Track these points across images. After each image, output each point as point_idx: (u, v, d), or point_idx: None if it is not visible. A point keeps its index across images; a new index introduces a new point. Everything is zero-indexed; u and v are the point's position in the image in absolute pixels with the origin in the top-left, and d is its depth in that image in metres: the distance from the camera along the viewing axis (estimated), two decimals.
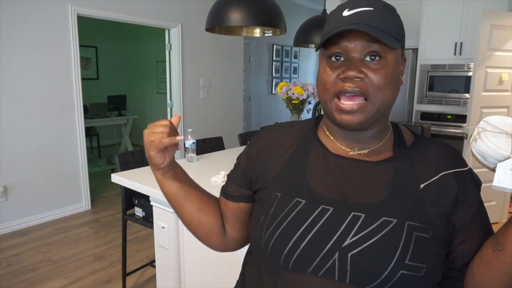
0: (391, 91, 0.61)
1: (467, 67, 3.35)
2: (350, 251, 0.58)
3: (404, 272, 0.56)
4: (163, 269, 1.74)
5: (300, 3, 6.65)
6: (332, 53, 0.61)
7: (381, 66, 0.59)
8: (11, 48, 2.97)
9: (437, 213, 0.61)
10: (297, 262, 0.60)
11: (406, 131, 0.72)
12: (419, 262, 0.57)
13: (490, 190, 3.39)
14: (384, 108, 0.62)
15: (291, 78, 7.06)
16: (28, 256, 2.71)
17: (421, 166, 0.65)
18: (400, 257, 0.57)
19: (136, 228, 3.17)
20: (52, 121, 3.30)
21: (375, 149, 0.67)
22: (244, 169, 0.77)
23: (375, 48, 0.59)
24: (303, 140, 0.72)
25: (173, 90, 4.38)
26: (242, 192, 0.77)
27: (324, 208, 0.62)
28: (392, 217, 0.59)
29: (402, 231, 0.58)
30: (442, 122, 3.57)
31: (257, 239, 0.66)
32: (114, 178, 1.80)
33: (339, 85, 0.60)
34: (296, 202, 0.64)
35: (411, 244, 0.58)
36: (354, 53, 0.60)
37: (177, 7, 4.20)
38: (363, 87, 0.59)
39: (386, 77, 0.60)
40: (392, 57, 0.61)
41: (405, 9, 3.78)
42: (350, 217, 0.60)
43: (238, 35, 2.39)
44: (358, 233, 0.59)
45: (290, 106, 2.65)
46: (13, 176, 3.09)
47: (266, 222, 0.65)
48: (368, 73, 0.59)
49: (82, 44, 4.04)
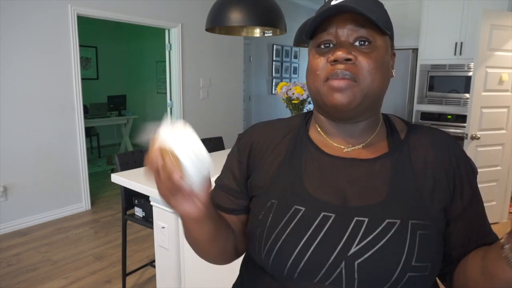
0: (381, 78, 0.60)
1: (467, 67, 3.35)
2: (356, 259, 0.56)
3: (412, 274, 0.55)
4: (163, 269, 1.73)
5: (300, 3, 6.64)
6: (321, 41, 0.61)
7: (371, 50, 0.59)
8: (11, 48, 2.97)
9: (435, 205, 0.61)
10: (302, 273, 0.58)
11: (398, 120, 0.71)
12: (424, 262, 0.56)
13: (490, 190, 3.39)
14: (374, 95, 0.60)
15: (291, 78, 7.06)
16: (28, 256, 2.71)
17: (417, 158, 0.64)
18: (406, 259, 0.55)
19: (136, 228, 3.17)
20: (52, 121, 3.29)
21: (369, 142, 0.66)
22: (239, 174, 0.71)
23: (364, 33, 0.58)
24: (295, 141, 0.69)
25: (173, 90, 4.38)
26: (240, 203, 0.71)
27: (325, 215, 0.60)
28: (395, 218, 0.58)
29: (406, 232, 0.57)
30: (442, 122, 3.57)
31: (257, 253, 0.63)
32: (114, 178, 1.80)
33: (329, 68, 0.59)
34: (295, 210, 0.61)
35: (416, 244, 0.57)
36: (343, 37, 0.59)
37: (177, 7, 4.20)
38: (353, 69, 0.58)
39: (376, 62, 0.59)
40: (381, 43, 0.60)
41: (405, 9, 3.78)
42: (354, 223, 0.58)
43: (238, 35, 2.39)
44: (363, 239, 0.57)
45: (290, 106, 2.65)
46: (13, 176, 3.09)
47: (265, 235, 0.62)
48: (358, 56, 0.58)
49: (82, 44, 4.03)
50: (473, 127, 3.05)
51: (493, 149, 3.19)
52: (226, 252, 0.71)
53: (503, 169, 3.27)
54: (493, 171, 3.24)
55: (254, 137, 0.72)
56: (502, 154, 3.24)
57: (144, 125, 0.46)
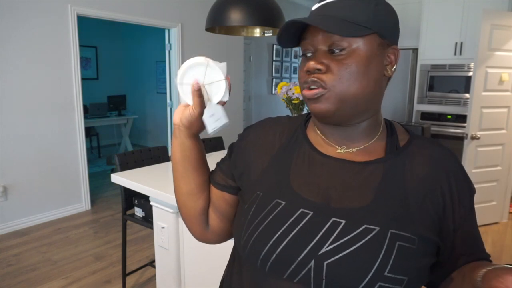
0: (360, 82, 0.58)
1: (467, 67, 3.35)
2: (326, 260, 0.55)
3: (383, 284, 0.53)
4: (163, 269, 1.73)
5: (300, 3, 6.64)
6: (304, 49, 0.63)
7: (346, 56, 0.58)
8: (11, 48, 2.97)
9: (423, 220, 0.59)
10: (273, 266, 0.58)
11: (401, 129, 0.69)
12: (399, 274, 0.54)
13: (490, 190, 3.40)
14: (355, 100, 0.59)
15: (291, 78, 7.06)
16: (28, 256, 2.71)
17: (411, 168, 0.62)
18: (379, 268, 0.54)
19: (136, 228, 3.17)
20: (52, 121, 3.29)
21: (365, 147, 0.65)
22: (232, 160, 0.75)
23: (336, 40, 0.58)
24: (291, 138, 0.70)
25: (173, 90, 4.39)
26: (228, 182, 0.75)
27: (304, 211, 0.60)
28: (374, 225, 0.56)
29: (384, 240, 0.55)
30: (442, 122, 3.57)
31: (237, 239, 0.65)
32: (113, 178, 1.80)
33: (303, 77, 0.61)
34: (276, 203, 0.62)
35: (393, 254, 0.55)
36: (319, 45, 0.60)
37: (177, 7, 4.20)
38: (320, 77, 0.59)
39: (350, 67, 0.58)
40: (361, 45, 0.58)
41: (405, 9, 3.78)
42: (330, 223, 0.58)
43: (238, 35, 2.39)
44: (336, 240, 0.56)
45: (290, 106, 2.65)
46: (13, 176, 3.09)
47: (246, 222, 0.63)
48: (330, 64, 0.58)
49: (82, 44, 4.03)
50: (473, 127, 3.05)
51: (493, 149, 3.19)
52: (198, 218, 0.77)
53: (503, 169, 3.27)
54: (493, 171, 3.24)
55: (254, 133, 0.75)
56: (502, 154, 3.24)
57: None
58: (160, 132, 6.45)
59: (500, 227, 3.32)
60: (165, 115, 4.66)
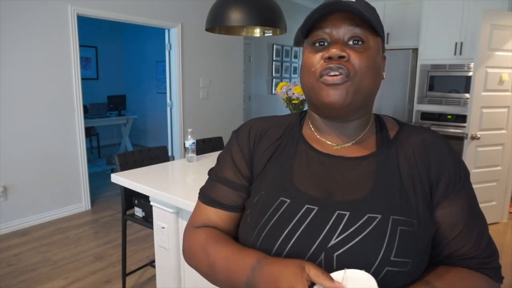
0: (372, 77, 0.61)
1: (467, 67, 3.35)
2: (335, 251, 0.57)
3: (390, 268, 0.56)
4: (163, 269, 1.73)
5: (300, 3, 6.64)
6: (316, 39, 0.62)
7: (364, 50, 0.61)
8: (11, 48, 2.97)
9: (420, 203, 0.62)
10: None
11: (389, 120, 0.72)
12: (404, 257, 0.57)
13: (490, 190, 3.39)
14: (364, 94, 0.62)
15: (291, 78, 7.06)
16: (28, 256, 2.71)
17: (404, 155, 0.65)
18: (385, 254, 0.56)
19: (136, 228, 3.17)
20: (52, 121, 3.29)
21: (358, 140, 0.67)
22: (247, 159, 0.71)
23: (358, 32, 0.60)
24: (288, 137, 0.72)
25: (173, 90, 4.38)
26: (240, 197, 0.71)
27: (309, 207, 0.62)
28: (376, 213, 0.59)
29: (386, 227, 0.58)
30: (442, 122, 3.57)
31: (244, 240, 0.66)
32: (113, 178, 1.80)
33: (323, 64, 0.60)
34: (281, 201, 0.64)
35: (396, 239, 0.57)
36: (337, 36, 0.61)
37: (177, 7, 4.20)
38: (346, 65, 0.59)
39: (368, 61, 0.60)
40: (374, 44, 0.62)
41: (405, 9, 3.78)
42: (335, 216, 0.60)
43: (238, 35, 2.39)
44: (342, 232, 0.58)
45: (290, 106, 2.65)
46: (13, 176, 3.09)
47: (252, 223, 0.65)
48: (351, 54, 0.60)
49: (82, 44, 4.03)
50: (473, 127, 3.05)
51: (493, 149, 3.19)
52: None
53: (503, 169, 3.27)
54: (493, 171, 3.24)
55: (252, 127, 0.75)
56: (502, 154, 3.24)
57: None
58: (160, 132, 6.45)
59: (500, 227, 3.32)
60: (165, 115, 4.66)
